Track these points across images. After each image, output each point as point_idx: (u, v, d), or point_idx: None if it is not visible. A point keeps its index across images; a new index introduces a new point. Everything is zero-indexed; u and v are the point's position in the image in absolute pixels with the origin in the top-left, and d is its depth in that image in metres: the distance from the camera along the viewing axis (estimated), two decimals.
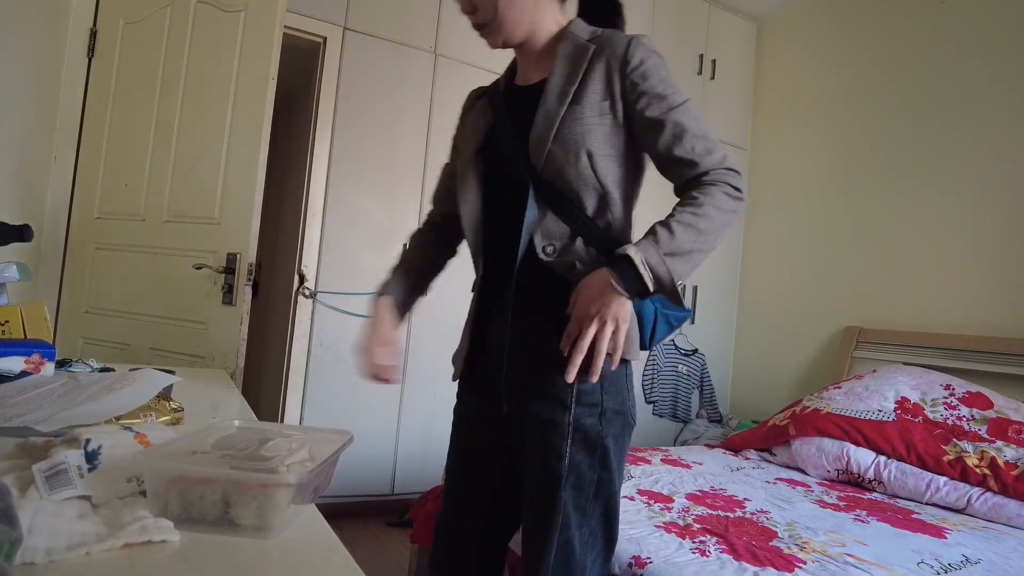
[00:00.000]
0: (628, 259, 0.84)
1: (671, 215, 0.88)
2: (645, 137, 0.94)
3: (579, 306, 0.87)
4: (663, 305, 0.99)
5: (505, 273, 0.97)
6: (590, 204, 0.93)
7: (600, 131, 0.92)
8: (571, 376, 0.86)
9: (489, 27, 0.96)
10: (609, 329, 0.85)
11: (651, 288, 0.85)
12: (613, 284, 0.85)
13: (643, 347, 0.98)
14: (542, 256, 0.94)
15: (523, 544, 0.98)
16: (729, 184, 0.89)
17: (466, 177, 1.02)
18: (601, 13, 1.04)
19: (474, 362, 1.03)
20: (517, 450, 0.99)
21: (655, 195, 1.11)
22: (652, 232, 0.87)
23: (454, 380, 1.09)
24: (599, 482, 0.95)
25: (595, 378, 0.86)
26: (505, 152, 0.98)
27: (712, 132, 0.93)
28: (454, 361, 1.08)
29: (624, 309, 0.86)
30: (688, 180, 0.91)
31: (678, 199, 0.93)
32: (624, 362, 0.96)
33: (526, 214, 0.93)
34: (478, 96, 1.11)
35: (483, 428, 1.05)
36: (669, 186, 0.97)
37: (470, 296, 1.05)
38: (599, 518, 0.96)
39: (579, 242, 0.93)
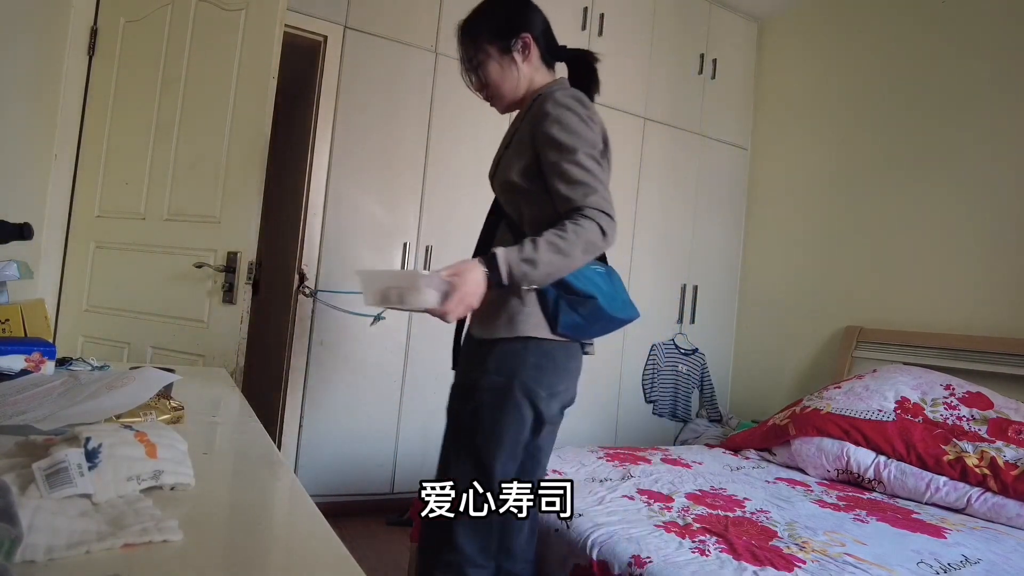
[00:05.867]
0: (495, 256, 1.08)
1: (542, 234, 1.09)
2: (545, 177, 1.16)
3: (456, 294, 1.05)
4: (566, 291, 1.14)
5: None
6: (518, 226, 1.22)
7: (517, 168, 1.18)
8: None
9: (494, 100, 1.28)
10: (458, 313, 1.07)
11: (504, 281, 1.07)
12: (485, 273, 1.07)
13: (552, 329, 1.15)
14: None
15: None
16: (597, 223, 1.10)
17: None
18: (579, 76, 1.28)
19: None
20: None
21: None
22: (521, 243, 1.09)
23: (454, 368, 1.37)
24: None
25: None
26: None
27: (596, 179, 1.12)
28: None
29: (475, 296, 1.07)
30: (567, 211, 1.12)
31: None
32: (524, 339, 1.14)
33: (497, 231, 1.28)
34: None
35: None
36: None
37: None
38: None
39: None
